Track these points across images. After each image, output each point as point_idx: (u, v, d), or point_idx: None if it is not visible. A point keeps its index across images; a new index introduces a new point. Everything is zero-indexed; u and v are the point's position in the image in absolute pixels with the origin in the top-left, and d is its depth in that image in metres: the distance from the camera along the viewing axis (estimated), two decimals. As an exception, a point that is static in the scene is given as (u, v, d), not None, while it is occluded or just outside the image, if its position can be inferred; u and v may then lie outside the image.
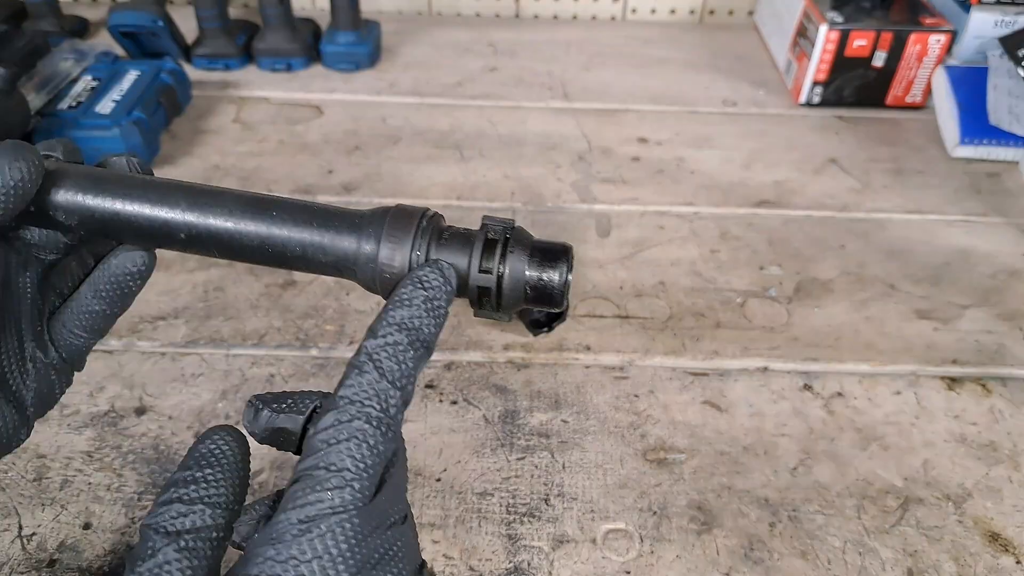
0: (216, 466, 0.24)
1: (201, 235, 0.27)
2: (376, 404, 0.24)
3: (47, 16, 0.85)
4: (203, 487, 0.24)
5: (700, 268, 0.62)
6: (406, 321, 0.25)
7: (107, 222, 0.27)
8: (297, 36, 0.84)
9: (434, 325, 0.26)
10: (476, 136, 0.77)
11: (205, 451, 0.25)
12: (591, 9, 1.01)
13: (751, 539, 0.44)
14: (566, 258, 0.28)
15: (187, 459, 0.25)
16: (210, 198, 0.27)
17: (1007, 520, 0.45)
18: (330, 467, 0.23)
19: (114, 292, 0.29)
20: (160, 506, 0.23)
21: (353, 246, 0.27)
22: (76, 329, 0.30)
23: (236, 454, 0.25)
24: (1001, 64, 0.75)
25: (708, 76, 0.88)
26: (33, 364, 0.29)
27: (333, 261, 0.27)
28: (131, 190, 0.27)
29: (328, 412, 0.24)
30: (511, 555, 0.42)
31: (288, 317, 0.56)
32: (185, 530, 0.23)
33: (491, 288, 0.27)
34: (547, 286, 0.27)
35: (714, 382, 0.53)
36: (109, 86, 0.70)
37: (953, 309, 0.59)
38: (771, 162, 0.75)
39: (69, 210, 0.27)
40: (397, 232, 0.27)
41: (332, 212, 0.28)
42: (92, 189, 0.27)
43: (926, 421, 0.51)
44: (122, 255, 0.29)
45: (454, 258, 0.27)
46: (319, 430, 0.23)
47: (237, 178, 0.69)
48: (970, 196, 0.71)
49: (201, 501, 0.23)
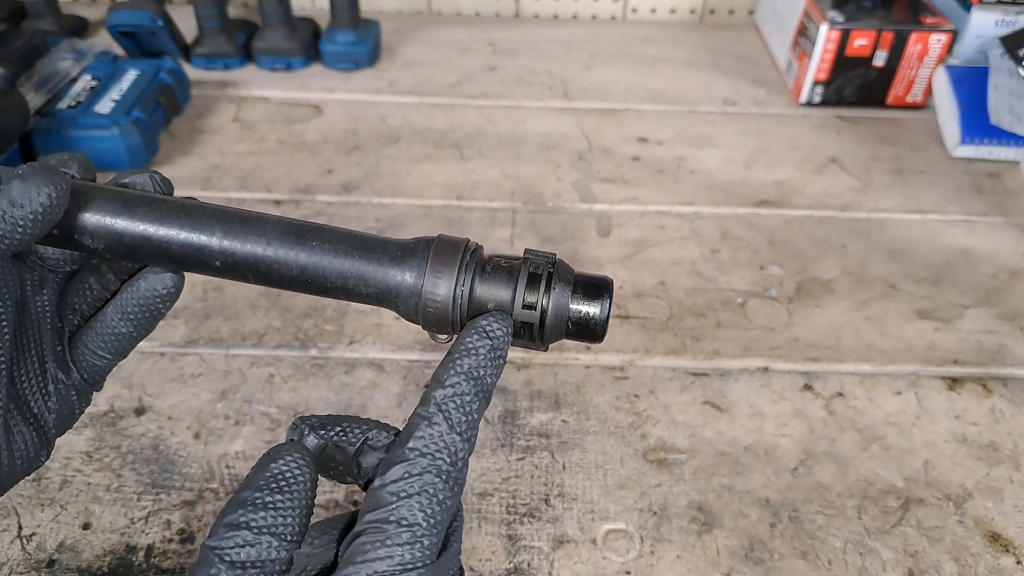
0: (287, 491, 0.23)
1: (238, 264, 0.27)
2: (446, 457, 0.23)
3: (46, 15, 0.85)
4: (272, 515, 0.22)
5: (700, 268, 0.62)
6: (473, 371, 0.25)
7: (137, 247, 0.26)
8: (296, 35, 0.84)
9: (496, 375, 0.25)
10: (476, 135, 0.76)
11: (277, 472, 0.23)
12: (591, 8, 1.01)
13: (751, 539, 0.44)
14: (608, 292, 0.28)
15: (256, 477, 0.23)
16: (247, 226, 0.27)
17: (1008, 520, 0.45)
18: (400, 521, 0.22)
19: (142, 315, 0.29)
20: (226, 528, 0.22)
21: (396, 278, 0.27)
22: (100, 351, 0.29)
23: (307, 480, 0.24)
24: (1002, 64, 0.75)
25: (709, 75, 0.88)
26: (55, 386, 0.28)
27: (375, 293, 0.27)
28: (163, 215, 0.26)
29: (397, 464, 0.23)
30: (511, 555, 0.42)
31: (287, 317, 0.56)
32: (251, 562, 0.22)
33: (534, 324, 0.27)
34: (590, 321, 0.27)
35: (714, 382, 0.53)
36: (108, 86, 0.70)
37: (954, 309, 0.59)
38: (772, 162, 0.74)
39: (97, 234, 0.26)
40: (441, 266, 0.27)
41: (373, 242, 0.27)
42: (122, 213, 0.26)
43: (927, 421, 0.51)
44: (152, 278, 0.28)
45: (498, 292, 0.27)
46: (387, 482, 0.23)
47: (236, 178, 0.69)
48: (971, 196, 0.71)
49: (269, 531, 0.22)
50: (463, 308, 0.27)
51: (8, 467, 0.27)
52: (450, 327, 0.27)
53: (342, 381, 0.51)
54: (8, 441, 0.27)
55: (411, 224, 0.64)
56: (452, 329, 0.27)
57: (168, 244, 0.26)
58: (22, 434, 0.27)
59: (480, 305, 0.27)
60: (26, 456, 0.27)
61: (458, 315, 0.27)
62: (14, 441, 0.27)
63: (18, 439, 0.27)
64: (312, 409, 0.50)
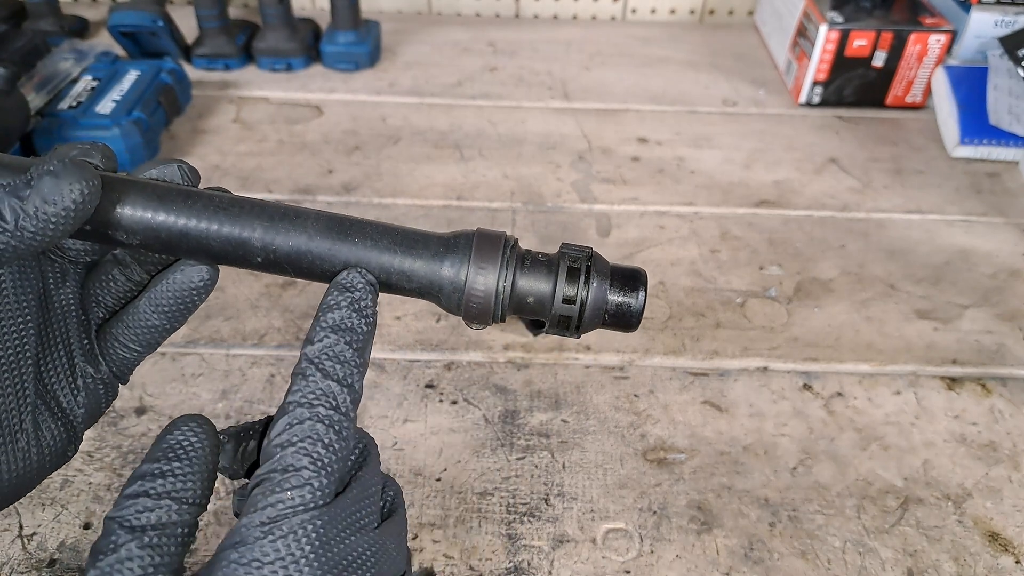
0: (184, 459, 0.24)
1: (279, 259, 0.27)
2: (324, 403, 0.24)
3: (47, 16, 0.85)
4: (170, 481, 0.23)
5: (700, 268, 0.62)
6: (339, 323, 0.25)
7: (175, 242, 0.26)
8: (297, 36, 0.84)
9: (365, 324, 0.26)
10: (476, 136, 0.77)
11: (174, 442, 0.24)
12: (591, 9, 1.01)
13: (751, 539, 0.44)
14: (643, 283, 0.28)
15: (154, 449, 0.24)
16: (287, 221, 0.27)
17: (1007, 520, 0.45)
18: (287, 468, 0.23)
19: (176, 307, 0.29)
20: (126, 499, 0.23)
21: (439, 273, 0.27)
22: (131, 343, 0.29)
23: (205, 446, 0.24)
24: (1001, 64, 0.75)
25: (708, 76, 0.88)
26: (83, 380, 0.29)
27: (418, 287, 0.28)
28: (201, 209, 0.26)
29: (280, 418, 0.24)
30: (511, 555, 0.42)
31: (288, 317, 0.56)
32: (150, 525, 0.22)
33: (573, 316, 0.28)
34: (627, 312, 0.28)
35: (714, 382, 0.53)
36: (109, 86, 0.70)
37: (953, 309, 0.59)
38: (771, 162, 0.75)
39: (132, 229, 0.26)
40: (484, 261, 0.27)
41: (414, 236, 0.28)
42: (158, 208, 0.26)
43: (926, 421, 0.51)
44: (188, 270, 0.28)
45: (538, 285, 0.28)
46: (272, 436, 0.23)
47: (237, 178, 0.69)
48: (970, 196, 0.71)
49: (168, 496, 0.23)
50: (505, 302, 0.28)
51: (37, 463, 0.27)
52: (491, 319, 0.28)
53: (342, 381, 0.52)
54: (37, 437, 0.27)
55: (411, 224, 0.64)
56: (492, 321, 0.28)
57: (208, 239, 0.26)
58: (51, 429, 0.27)
59: (521, 298, 0.28)
60: (55, 451, 0.27)
61: (500, 309, 0.28)
62: (43, 436, 0.27)
63: (47, 434, 0.27)
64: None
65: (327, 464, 0.23)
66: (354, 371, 0.25)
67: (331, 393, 0.24)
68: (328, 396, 0.24)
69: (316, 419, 0.24)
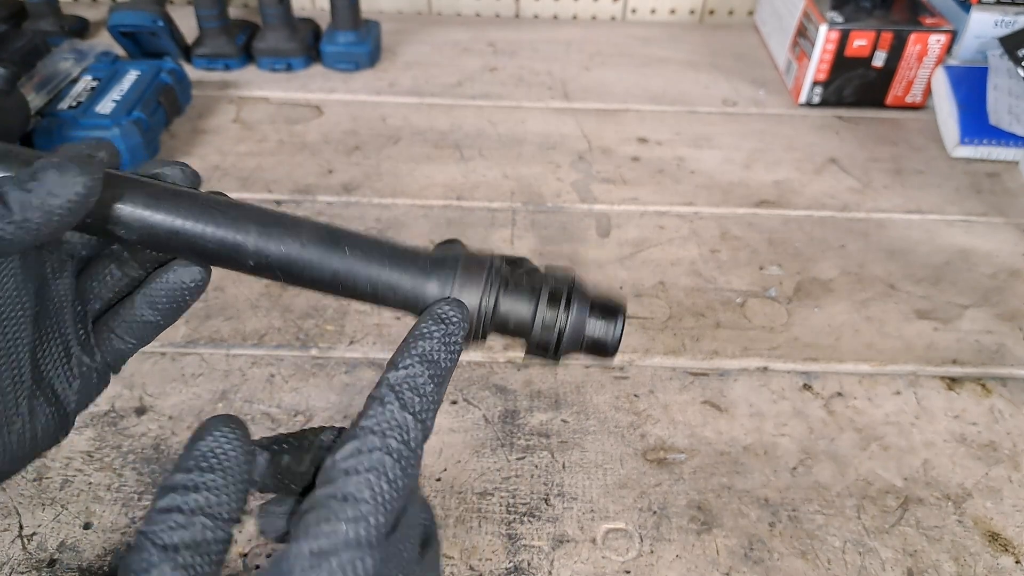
0: (219, 469, 0.23)
1: (271, 264, 0.27)
2: (397, 435, 0.23)
3: (47, 16, 0.85)
4: (204, 495, 0.22)
5: (700, 268, 0.62)
6: (427, 354, 0.25)
7: (170, 241, 0.27)
8: (297, 36, 0.84)
9: (450, 359, 0.26)
10: (476, 136, 0.77)
11: (207, 450, 0.23)
12: (591, 9, 1.01)
13: (751, 539, 0.44)
14: (622, 314, 0.29)
15: (187, 458, 0.23)
16: (281, 228, 0.27)
17: (1007, 520, 0.45)
18: (347, 497, 0.22)
19: (169, 305, 0.29)
20: (158, 513, 0.22)
21: (425, 289, 0.28)
22: (126, 336, 0.30)
23: (240, 455, 0.23)
24: (1001, 64, 0.75)
25: (708, 76, 0.88)
26: (78, 367, 0.29)
27: (402, 300, 0.28)
28: (199, 211, 0.27)
29: (348, 442, 0.23)
30: (511, 555, 0.42)
31: (288, 317, 0.56)
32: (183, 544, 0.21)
33: (551, 343, 0.29)
34: (603, 341, 0.29)
35: (714, 382, 0.53)
36: (109, 86, 0.70)
37: (953, 309, 0.59)
38: (771, 162, 0.75)
39: (130, 226, 0.26)
40: (468, 280, 0.28)
41: (403, 252, 0.28)
42: (158, 207, 0.26)
43: (926, 421, 0.51)
44: (180, 270, 0.29)
45: (520, 308, 0.29)
46: (337, 459, 0.23)
47: (237, 178, 0.69)
48: (970, 196, 0.71)
49: (202, 512, 0.22)
50: (487, 321, 0.28)
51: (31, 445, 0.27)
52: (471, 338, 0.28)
53: (343, 381, 0.52)
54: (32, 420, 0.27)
55: (412, 224, 0.64)
56: (473, 339, 0.29)
57: (203, 240, 0.27)
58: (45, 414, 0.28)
59: (503, 319, 0.29)
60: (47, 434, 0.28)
61: (482, 327, 0.28)
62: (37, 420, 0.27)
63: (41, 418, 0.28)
64: (313, 409, 0.50)
65: (388, 501, 0.22)
66: (430, 406, 0.24)
67: (406, 426, 0.23)
68: (402, 429, 0.23)
69: (386, 451, 0.23)
